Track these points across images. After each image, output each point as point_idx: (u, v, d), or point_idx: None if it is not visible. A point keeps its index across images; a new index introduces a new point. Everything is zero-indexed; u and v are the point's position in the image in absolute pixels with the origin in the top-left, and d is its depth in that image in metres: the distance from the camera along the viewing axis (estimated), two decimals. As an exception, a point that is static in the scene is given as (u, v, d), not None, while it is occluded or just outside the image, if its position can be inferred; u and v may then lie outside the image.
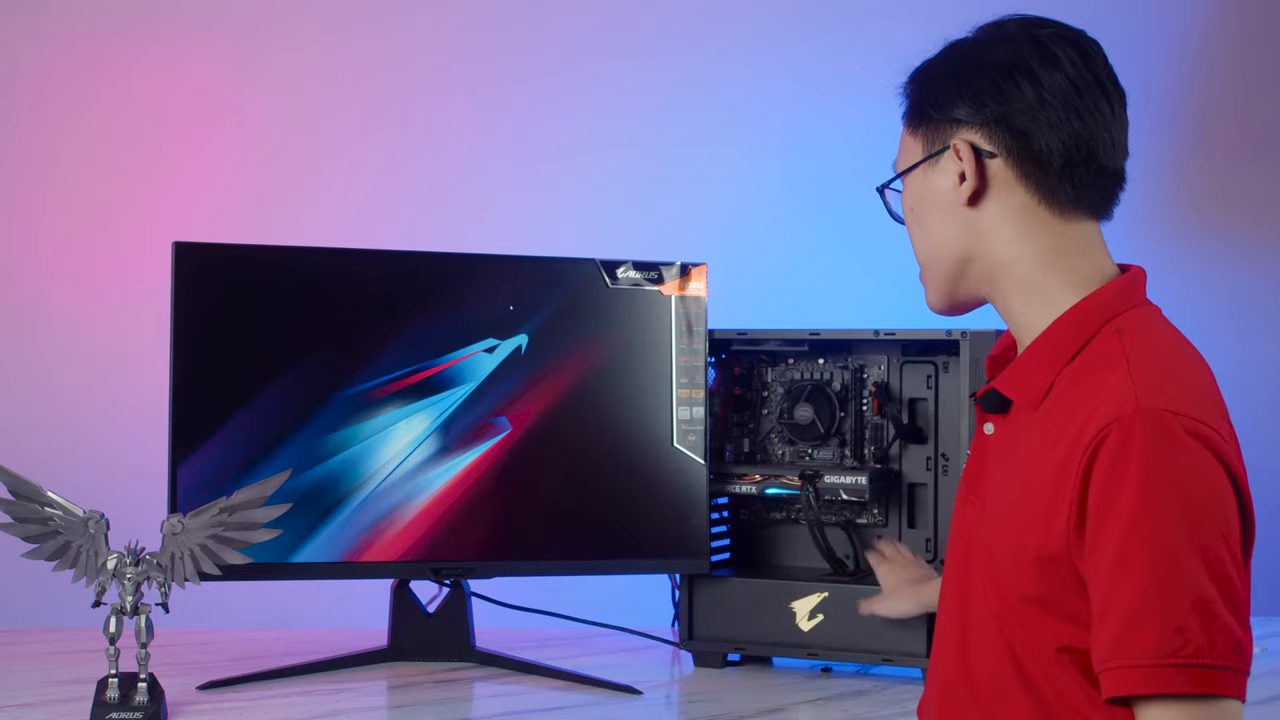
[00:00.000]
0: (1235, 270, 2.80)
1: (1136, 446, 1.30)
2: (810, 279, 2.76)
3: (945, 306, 1.53)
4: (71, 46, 2.79)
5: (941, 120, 1.47)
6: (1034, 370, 1.44)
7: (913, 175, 1.51)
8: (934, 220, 1.49)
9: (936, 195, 1.48)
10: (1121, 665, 1.30)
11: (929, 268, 1.52)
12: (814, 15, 2.82)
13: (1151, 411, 1.31)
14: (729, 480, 2.30)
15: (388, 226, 2.82)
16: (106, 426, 2.74)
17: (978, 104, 1.44)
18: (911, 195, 1.52)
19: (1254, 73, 2.79)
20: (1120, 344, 1.39)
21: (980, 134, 1.45)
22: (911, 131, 1.51)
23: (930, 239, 1.51)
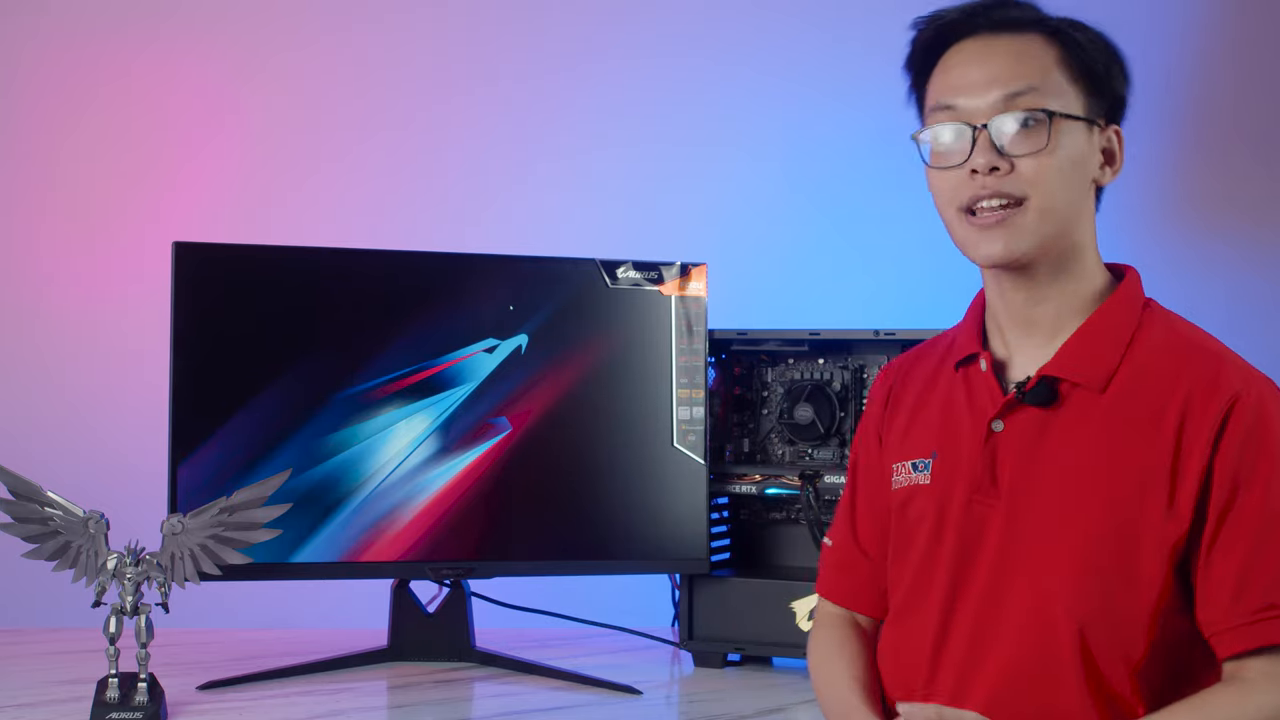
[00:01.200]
0: (1235, 270, 2.79)
1: (1270, 410, 1.41)
2: (810, 279, 2.76)
3: (1020, 255, 1.47)
4: (71, 46, 2.79)
5: (1105, 95, 1.51)
6: (1099, 351, 1.47)
7: (1070, 125, 1.48)
8: (1074, 179, 1.49)
9: (1086, 161, 1.50)
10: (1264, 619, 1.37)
11: (1041, 215, 1.46)
12: (814, 15, 2.81)
13: (1267, 384, 1.44)
14: (729, 480, 2.30)
15: (388, 226, 2.82)
16: (106, 426, 2.74)
17: (1124, 98, 1.54)
18: (1074, 143, 1.48)
19: (1254, 73, 2.78)
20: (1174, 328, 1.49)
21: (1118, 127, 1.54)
22: (1071, 78, 1.49)
23: (1063, 192, 1.47)
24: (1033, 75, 1.47)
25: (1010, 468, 1.48)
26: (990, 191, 1.46)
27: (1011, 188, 1.46)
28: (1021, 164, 1.46)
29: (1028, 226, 1.47)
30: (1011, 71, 1.47)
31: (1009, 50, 1.48)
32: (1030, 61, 1.48)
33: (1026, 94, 1.46)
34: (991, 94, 1.47)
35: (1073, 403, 1.47)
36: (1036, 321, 1.51)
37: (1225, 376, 1.42)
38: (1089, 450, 1.44)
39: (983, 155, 1.46)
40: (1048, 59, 1.48)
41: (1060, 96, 1.48)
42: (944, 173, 1.50)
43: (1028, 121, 1.46)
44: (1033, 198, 1.46)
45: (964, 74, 1.49)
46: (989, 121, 1.46)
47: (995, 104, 1.46)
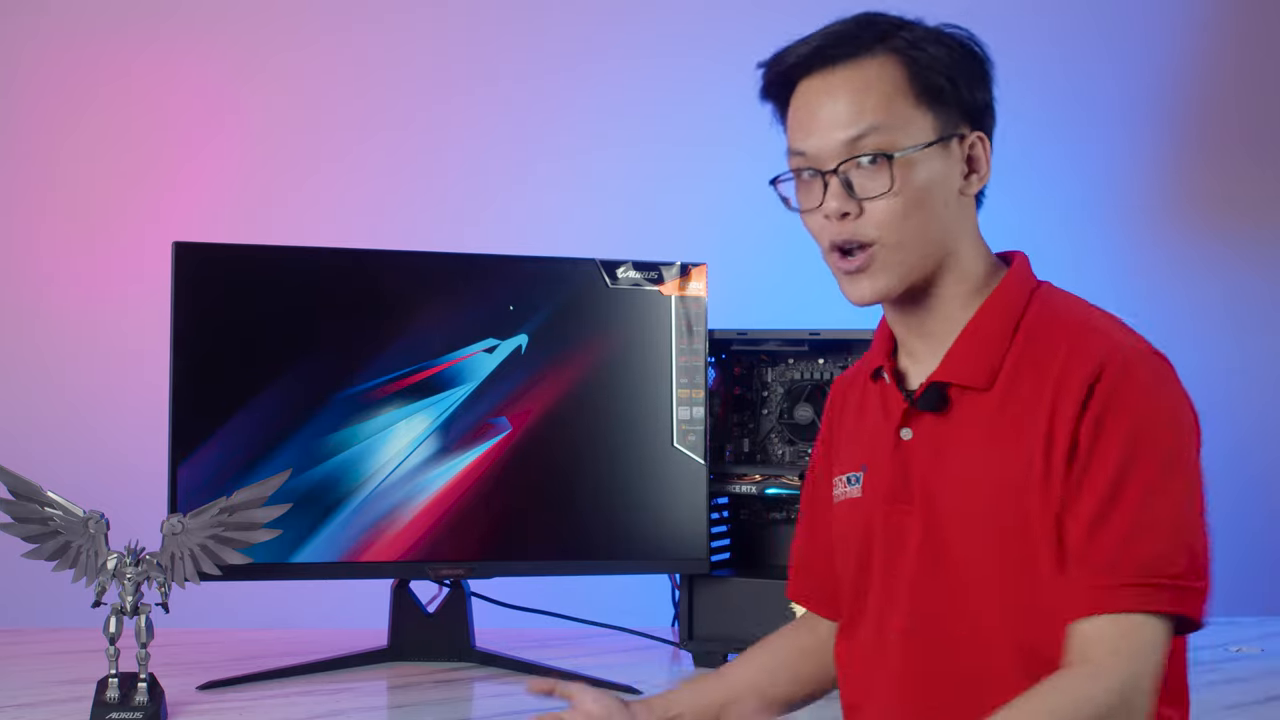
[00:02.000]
0: (1235, 270, 2.80)
1: (1133, 379, 1.40)
2: (810, 279, 2.75)
3: (885, 294, 1.48)
4: (71, 46, 2.79)
5: (957, 107, 1.48)
6: (981, 351, 1.48)
7: (917, 155, 1.46)
8: (935, 205, 1.47)
9: (943, 180, 1.48)
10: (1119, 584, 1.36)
11: (896, 252, 1.46)
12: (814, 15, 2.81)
13: (1133, 351, 1.42)
14: (729, 480, 2.30)
15: (388, 226, 2.82)
16: (106, 426, 2.74)
17: (986, 101, 1.50)
18: (919, 174, 1.46)
19: (1254, 73, 2.79)
20: (1056, 308, 1.48)
21: (982, 130, 1.50)
22: (915, 101, 1.46)
23: (916, 226, 1.46)
24: (874, 112, 1.45)
25: (920, 475, 1.49)
26: (845, 237, 1.47)
27: (861, 233, 1.46)
28: (870, 206, 1.45)
29: (884, 268, 1.47)
30: (851, 112, 1.46)
31: (846, 88, 1.47)
32: (870, 95, 1.46)
33: (868, 135, 1.45)
34: (835, 136, 1.46)
35: (964, 405, 1.48)
36: (928, 331, 1.52)
37: (1094, 347, 1.42)
38: (982, 447, 1.46)
39: (834, 200, 1.46)
40: (888, 86, 1.46)
41: (905, 126, 1.46)
42: (808, 215, 1.51)
43: (873, 160, 1.45)
44: (882, 239, 1.46)
45: (808, 117, 1.49)
46: (836, 166, 1.46)
47: (839, 148, 1.46)
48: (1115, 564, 1.37)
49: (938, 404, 1.49)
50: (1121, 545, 1.37)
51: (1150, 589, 1.36)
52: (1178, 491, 1.39)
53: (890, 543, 1.51)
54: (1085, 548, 1.38)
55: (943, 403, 1.49)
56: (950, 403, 1.49)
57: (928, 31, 1.49)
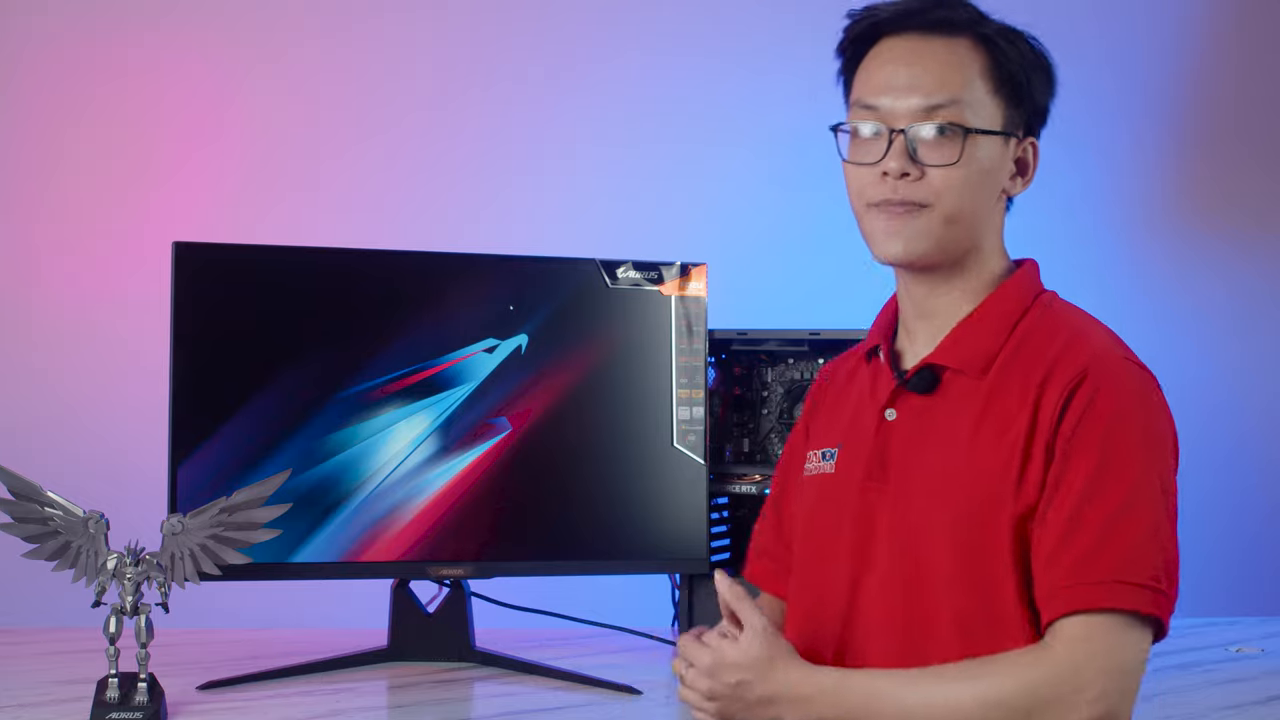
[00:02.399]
0: (1235, 270, 2.80)
1: (1119, 390, 1.43)
2: (810, 279, 2.76)
3: (915, 258, 1.51)
4: (71, 46, 2.79)
5: (1024, 107, 1.53)
6: (980, 339, 1.51)
7: (985, 139, 1.49)
8: (980, 190, 1.51)
9: (997, 171, 1.52)
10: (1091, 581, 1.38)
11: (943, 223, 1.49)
12: (813, 15, 2.81)
13: (1117, 359, 1.46)
14: (729, 480, 2.30)
15: (388, 226, 2.82)
16: (106, 426, 2.74)
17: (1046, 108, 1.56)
18: (981, 156, 1.49)
19: (1254, 73, 2.79)
20: (1056, 314, 1.52)
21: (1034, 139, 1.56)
22: (993, 89, 1.50)
23: (967, 203, 1.50)
24: (955, 87, 1.49)
25: (898, 455, 1.52)
26: (899, 198, 1.50)
27: (917, 195, 1.49)
28: (931, 173, 1.49)
29: (928, 231, 1.50)
30: (936, 81, 1.49)
31: (936, 56, 1.50)
32: (955, 71, 1.50)
33: (947, 106, 1.49)
34: (912, 100, 1.49)
35: (954, 390, 1.51)
36: (933, 314, 1.55)
37: (1080, 353, 1.46)
38: (963, 432, 1.48)
39: (896, 159, 1.49)
40: (973, 68, 1.50)
41: (979, 110, 1.50)
42: (858, 169, 1.53)
43: (943, 131, 1.48)
44: (936, 206, 1.49)
45: (890, 75, 1.51)
46: (907, 127, 1.49)
47: (915, 111, 1.49)
48: (1086, 565, 1.39)
49: (928, 385, 1.52)
50: (1094, 548, 1.39)
51: (1121, 586, 1.38)
52: (1150, 501, 1.41)
53: (861, 519, 1.53)
54: (1058, 551, 1.40)
55: (934, 384, 1.52)
56: (941, 385, 1.51)
57: (1007, 27, 1.53)
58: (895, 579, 1.50)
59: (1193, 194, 2.85)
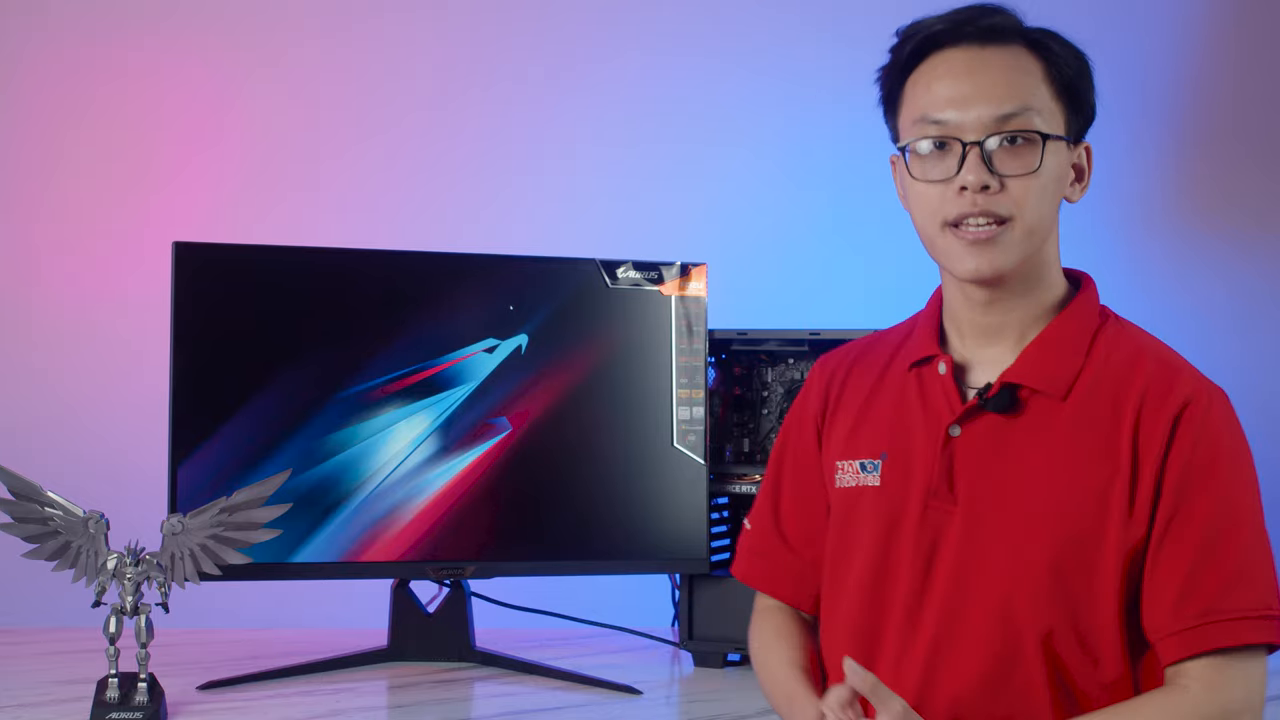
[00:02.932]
0: (1235, 270, 2.79)
1: (1218, 418, 1.44)
2: (810, 279, 2.76)
3: (1000, 273, 1.48)
4: (71, 46, 2.79)
5: (1082, 112, 1.52)
6: (1060, 359, 1.48)
7: (1057, 145, 1.48)
8: (1053, 198, 1.50)
9: (1065, 177, 1.51)
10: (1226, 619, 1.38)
11: (1026, 235, 1.47)
12: (813, 14, 2.81)
13: (1215, 391, 1.46)
14: (729, 480, 2.30)
15: (388, 226, 2.82)
16: (106, 426, 2.74)
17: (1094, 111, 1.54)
18: (1058, 163, 1.48)
19: (1254, 73, 2.78)
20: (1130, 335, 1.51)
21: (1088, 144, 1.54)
22: (1054, 94, 1.48)
23: (1045, 211, 1.48)
24: (1024, 94, 1.46)
25: (969, 474, 1.48)
26: (979, 210, 1.46)
27: (999, 207, 1.46)
28: (1011, 184, 1.46)
29: (1013, 245, 1.47)
30: (1005, 90, 1.46)
31: (998, 65, 1.47)
32: (1020, 78, 1.47)
33: (1019, 114, 1.46)
34: (982, 110, 1.46)
35: (1033, 410, 1.48)
36: (999, 329, 1.52)
37: (1179, 383, 1.44)
38: (1051, 457, 1.45)
39: (974, 173, 1.45)
40: (1035, 75, 1.48)
41: (1048, 116, 1.48)
42: (930, 186, 1.49)
43: (1017, 140, 1.46)
44: (1018, 218, 1.46)
45: (953, 87, 1.47)
46: (982, 140, 1.45)
47: (987, 122, 1.45)
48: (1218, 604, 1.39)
49: (1009, 405, 1.48)
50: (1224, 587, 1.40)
51: (1249, 622, 1.39)
52: (1260, 530, 1.43)
53: (924, 540, 1.49)
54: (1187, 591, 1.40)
55: (1015, 404, 1.48)
56: (1021, 406, 1.48)
57: (1049, 31, 1.51)
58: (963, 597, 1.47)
59: (1191, 194, 2.84)
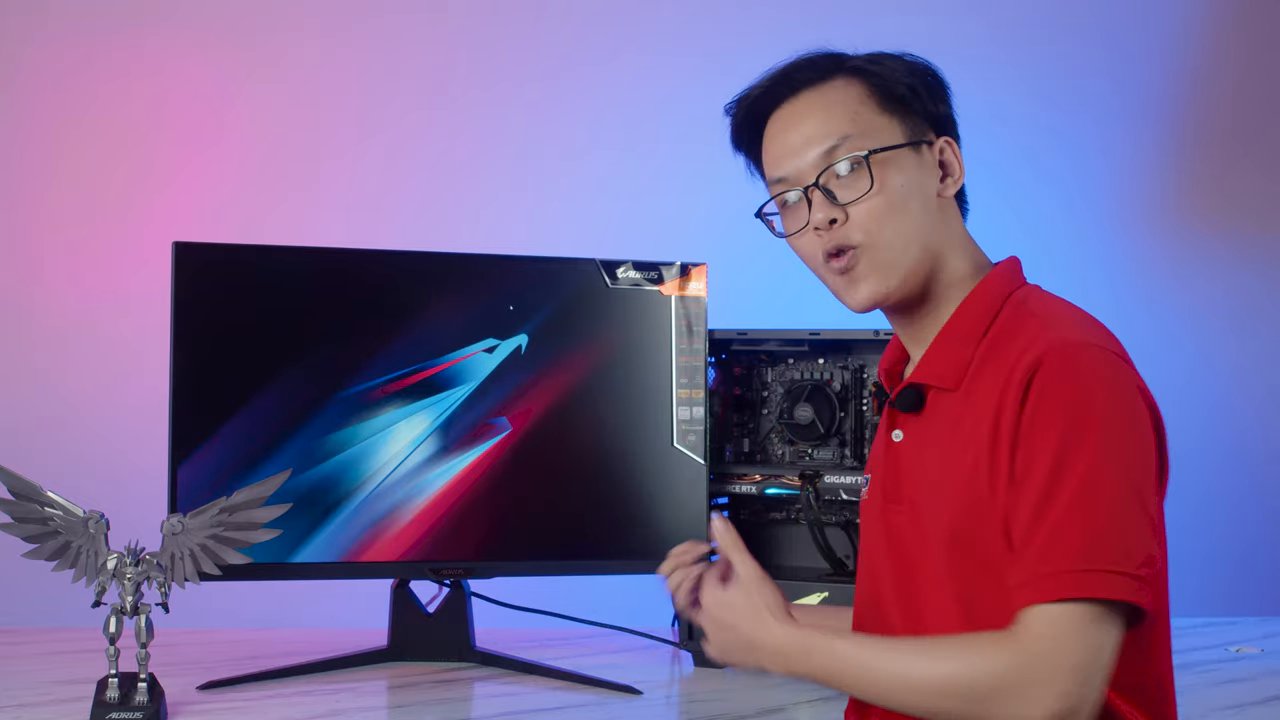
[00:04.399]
0: (1235, 270, 2.80)
1: (1068, 370, 1.39)
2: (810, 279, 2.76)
3: (883, 297, 1.52)
4: (71, 46, 2.79)
5: (920, 114, 1.53)
6: (951, 351, 1.51)
7: (891, 156, 1.50)
8: (915, 208, 1.51)
9: (920, 183, 1.52)
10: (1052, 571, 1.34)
11: (889, 249, 1.49)
12: (812, 14, 2.82)
13: (1076, 343, 1.41)
14: (729, 480, 2.30)
15: (388, 226, 2.82)
16: (106, 426, 2.74)
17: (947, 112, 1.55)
18: (899, 176, 1.50)
19: (1252, 73, 2.79)
20: (1027, 309, 1.50)
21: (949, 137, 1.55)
22: (880, 109, 1.52)
23: (902, 224, 1.50)
24: (842, 124, 1.51)
25: (909, 474, 1.53)
26: (835, 244, 1.51)
27: (849, 236, 1.51)
28: (854, 209, 1.50)
29: (879, 266, 1.51)
30: (822, 127, 1.51)
31: (815, 106, 1.53)
32: (837, 110, 1.52)
33: (841, 144, 1.50)
34: (810, 153, 1.51)
35: (935, 404, 1.52)
36: (920, 335, 1.57)
37: (1040, 341, 1.42)
38: (946, 445, 1.49)
39: (820, 211, 1.51)
40: (852, 100, 1.52)
41: (875, 133, 1.51)
42: (797, 239, 1.56)
43: (851, 167, 1.50)
44: (869, 239, 1.50)
45: (782, 143, 1.54)
46: (816, 180, 1.51)
47: (816, 161, 1.51)
48: (1050, 555, 1.35)
49: (913, 404, 1.53)
50: (1055, 537, 1.36)
51: (1086, 575, 1.34)
52: (1112, 484, 1.36)
53: (892, 541, 1.55)
54: (1025, 541, 1.38)
55: (918, 403, 1.53)
56: (925, 403, 1.52)
57: (873, 54, 1.56)
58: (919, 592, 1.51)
59: (1191, 194, 2.85)
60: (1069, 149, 2.82)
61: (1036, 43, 2.81)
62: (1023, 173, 2.71)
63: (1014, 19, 2.80)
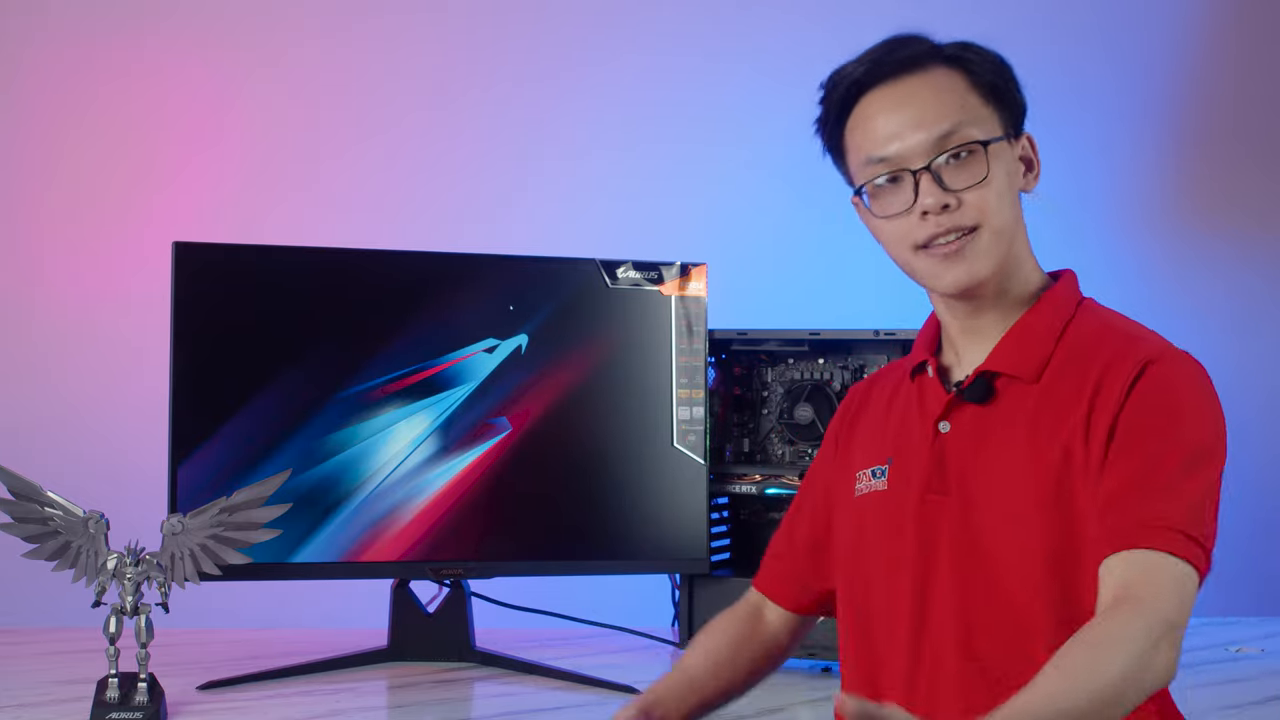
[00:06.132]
0: (1235, 270, 2.80)
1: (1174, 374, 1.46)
2: (810, 279, 2.76)
3: (982, 280, 1.52)
4: (71, 46, 2.79)
5: (1012, 107, 1.55)
6: (1031, 345, 1.53)
7: (999, 147, 1.52)
8: (1011, 197, 1.53)
9: (1016, 174, 1.55)
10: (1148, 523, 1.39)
11: (994, 239, 1.51)
12: (812, 14, 2.82)
13: (1178, 352, 1.49)
14: (729, 480, 2.30)
15: (388, 226, 2.82)
16: (106, 426, 2.74)
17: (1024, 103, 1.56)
18: (1004, 163, 1.52)
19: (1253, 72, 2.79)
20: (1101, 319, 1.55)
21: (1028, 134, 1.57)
22: (983, 100, 1.52)
23: (1007, 213, 1.52)
24: (954, 110, 1.51)
25: (958, 465, 1.53)
26: (946, 228, 1.51)
27: (963, 220, 1.51)
28: (967, 196, 1.50)
29: (983, 250, 1.52)
30: (934, 112, 1.51)
31: (922, 89, 1.53)
32: (947, 96, 1.52)
33: (955, 131, 1.51)
34: (921, 136, 1.51)
35: (1009, 395, 1.53)
36: (981, 329, 1.57)
37: (1141, 348, 1.48)
38: (1023, 436, 1.49)
39: (931, 196, 1.50)
40: (959, 88, 1.53)
41: (982, 123, 1.52)
42: (893, 221, 1.54)
43: (961, 154, 1.50)
44: (984, 225, 1.51)
45: (887, 123, 1.53)
46: (928, 164, 1.50)
47: (927, 146, 1.50)
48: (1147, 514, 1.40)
49: (984, 394, 1.53)
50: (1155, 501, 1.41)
51: (1178, 535, 1.39)
52: (1204, 474, 1.44)
53: (924, 532, 1.53)
54: (1119, 501, 1.42)
55: (989, 393, 1.53)
56: (995, 394, 1.52)
57: (963, 44, 1.56)
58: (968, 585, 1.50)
59: (1192, 194, 2.85)
60: (1069, 148, 2.82)
61: (1037, 43, 2.80)
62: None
63: (1014, 19, 2.80)
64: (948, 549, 1.51)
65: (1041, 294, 1.57)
